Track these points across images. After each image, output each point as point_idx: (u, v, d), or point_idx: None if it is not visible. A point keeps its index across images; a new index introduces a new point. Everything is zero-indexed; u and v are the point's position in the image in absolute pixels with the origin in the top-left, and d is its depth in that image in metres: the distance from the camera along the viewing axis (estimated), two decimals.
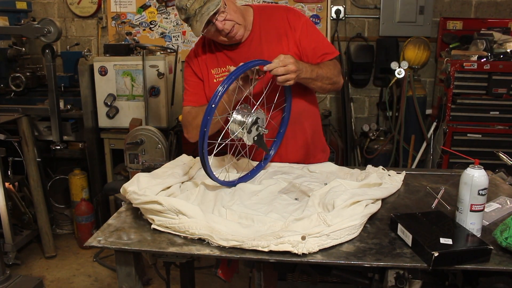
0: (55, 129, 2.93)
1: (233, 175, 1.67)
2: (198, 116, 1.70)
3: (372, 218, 1.36)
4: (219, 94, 1.36)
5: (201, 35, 1.74)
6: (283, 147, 1.82)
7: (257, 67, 1.52)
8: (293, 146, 1.85)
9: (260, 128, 1.53)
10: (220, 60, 1.79)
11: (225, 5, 1.62)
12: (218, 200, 1.46)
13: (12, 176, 3.25)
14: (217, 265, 1.48)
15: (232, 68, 1.47)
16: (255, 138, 1.54)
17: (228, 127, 1.51)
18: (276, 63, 1.52)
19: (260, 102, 1.57)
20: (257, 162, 1.77)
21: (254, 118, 1.50)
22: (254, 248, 1.17)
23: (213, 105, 1.35)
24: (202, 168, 1.44)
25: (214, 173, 1.50)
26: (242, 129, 1.50)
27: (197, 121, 1.58)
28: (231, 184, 1.60)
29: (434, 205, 1.47)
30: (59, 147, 3.00)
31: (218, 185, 1.56)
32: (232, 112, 1.51)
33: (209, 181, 1.53)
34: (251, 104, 1.55)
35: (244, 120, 1.50)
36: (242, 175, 1.66)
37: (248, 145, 1.57)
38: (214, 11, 1.58)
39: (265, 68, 1.50)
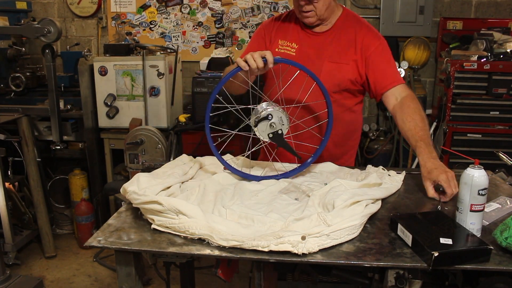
0: (55, 129, 2.93)
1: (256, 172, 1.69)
2: None
3: (372, 218, 1.36)
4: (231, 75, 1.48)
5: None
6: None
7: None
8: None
9: (274, 125, 1.54)
10: (290, 35, 1.86)
11: None
12: (218, 200, 1.45)
13: (12, 176, 3.26)
14: (217, 265, 1.48)
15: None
16: (270, 135, 1.55)
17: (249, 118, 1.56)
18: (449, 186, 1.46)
19: (293, 103, 1.64)
20: (279, 163, 1.73)
21: (267, 114, 1.52)
22: (254, 248, 1.17)
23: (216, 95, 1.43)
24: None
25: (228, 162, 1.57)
26: (250, 119, 1.53)
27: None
28: (248, 176, 1.63)
29: (440, 207, 1.44)
30: (59, 147, 3.00)
31: (219, 185, 1.56)
32: (257, 104, 1.54)
33: (209, 181, 1.53)
34: (282, 103, 1.59)
35: (259, 113, 1.52)
36: (266, 173, 1.68)
37: (264, 142, 1.59)
38: None
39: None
